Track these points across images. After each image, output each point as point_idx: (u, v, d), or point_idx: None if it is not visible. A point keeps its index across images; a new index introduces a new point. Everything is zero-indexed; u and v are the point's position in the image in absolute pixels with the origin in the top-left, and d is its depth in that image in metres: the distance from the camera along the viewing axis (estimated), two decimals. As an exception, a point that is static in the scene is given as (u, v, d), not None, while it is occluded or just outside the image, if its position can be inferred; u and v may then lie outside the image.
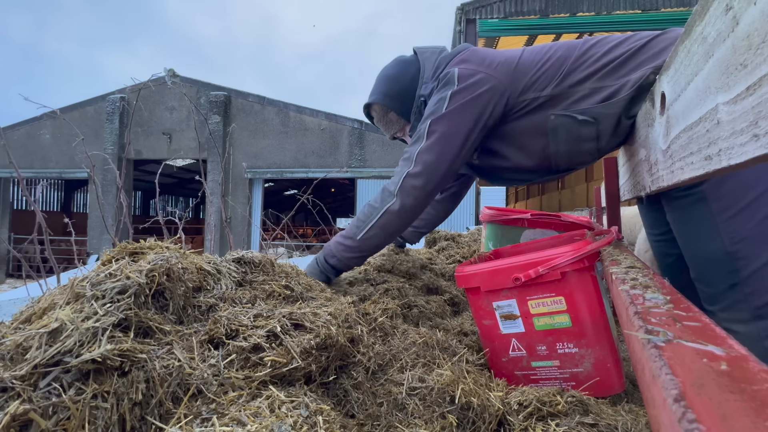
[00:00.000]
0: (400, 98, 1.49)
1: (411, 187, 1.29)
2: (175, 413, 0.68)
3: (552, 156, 1.31)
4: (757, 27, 0.35)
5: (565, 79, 1.24)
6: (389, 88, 1.51)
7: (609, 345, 1.04)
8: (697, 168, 0.54)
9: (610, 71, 1.18)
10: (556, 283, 1.02)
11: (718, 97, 0.45)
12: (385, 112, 1.56)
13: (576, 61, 1.24)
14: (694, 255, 1.05)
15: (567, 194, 13.40)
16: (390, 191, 1.32)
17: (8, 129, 14.05)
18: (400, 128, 1.58)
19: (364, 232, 1.33)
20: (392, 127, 1.59)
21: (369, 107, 1.60)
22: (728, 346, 0.34)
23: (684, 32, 0.56)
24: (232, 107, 13.36)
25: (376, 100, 1.54)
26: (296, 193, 4.47)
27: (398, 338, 1.09)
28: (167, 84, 11.46)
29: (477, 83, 1.26)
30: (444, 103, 1.27)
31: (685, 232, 1.06)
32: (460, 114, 1.26)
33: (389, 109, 1.54)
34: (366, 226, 1.33)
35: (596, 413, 0.89)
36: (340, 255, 1.37)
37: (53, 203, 22.11)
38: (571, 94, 1.23)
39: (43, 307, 0.78)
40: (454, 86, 1.28)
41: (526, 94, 1.27)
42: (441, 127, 1.27)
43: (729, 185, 0.94)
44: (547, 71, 1.26)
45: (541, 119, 1.27)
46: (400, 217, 1.31)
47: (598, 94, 1.19)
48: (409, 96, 1.47)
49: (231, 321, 0.85)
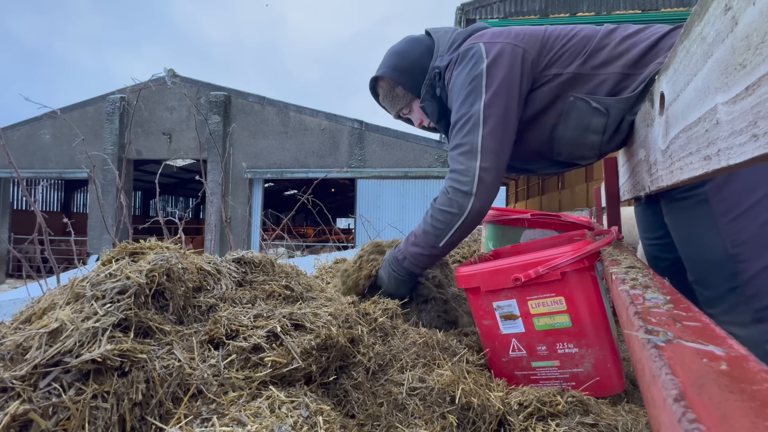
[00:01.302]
0: (409, 73, 1.45)
1: (487, 184, 1.21)
2: (175, 413, 0.68)
3: (556, 141, 1.29)
4: (756, 27, 0.35)
5: (590, 59, 1.21)
6: (397, 63, 1.47)
7: (609, 345, 1.04)
8: (697, 168, 0.54)
9: (632, 60, 1.16)
10: (556, 283, 1.02)
11: (717, 97, 0.45)
12: (392, 86, 1.51)
13: (600, 41, 1.22)
14: (693, 257, 1.05)
15: (567, 194, 13.40)
16: (464, 191, 1.22)
17: (8, 129, 14.06)
18: (406, 103, 1.53)
19: (446, 239, 1.27)
20: (398, 102, 1.53)
21: (375, 82, 1.55)
22: (728, 346, 0.34)
23: (683, 32, 0.56)
24: (232, 107, 13.36)
25: (383, 74, 1.49)
26: (296, 193, 4.46)
27: (398, 338, 1.09)
28: (167, 84, 11.46)
29: (507, 54, 1.22)
30: (482, 80, 1.22)
31: (686, 234, 1.05)
32: (506, 91, 1.20)
33: (396, 83, 1.49)
34: (448, 232, 1.26)
35: (596, 413, 0.89)
36: (423, 264, 1.34)
37: (53, 203, 22.12)
38: (593, 78, 1.20)
39: (43, 307, 0.78)
40: (484, 61, 1.22)
41: (550, 69, 1.24)
42: (495, 110, 1.20)
43: (732, 187, 0.92)
44: (574, 47, 1.23)
45: (560, 98, 1.24)
46: (479, 215, 1.24)
47: (617, 83, 1.17)
48: (418, 70, 1.43)
49: (231, 321, 0.85)
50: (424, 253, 1.31)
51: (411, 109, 1.55)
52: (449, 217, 1.25)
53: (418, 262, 1.33)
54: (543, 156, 1.37)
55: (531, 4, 11.61)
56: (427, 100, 1.43)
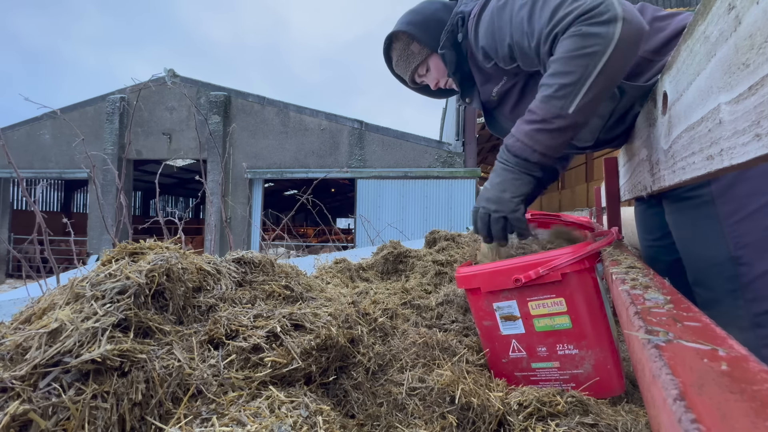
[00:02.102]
0: (425, 27, 1.37)
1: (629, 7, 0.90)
2: (175, 413, 0.67)
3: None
4: (759, 26, 0.35)
5: None
6: (413, 18, 1.40)
7: (609, 347, 1.04)
8: (699, 168, 0.54)
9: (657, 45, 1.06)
10: (556, 284, 1.02)
11: (720, 97, 0.45)
12: (407, 43, 1.43)
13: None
14: (694, 258, 1.04)
15: (567, 194, 13.40)
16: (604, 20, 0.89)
17: (8, 129, 14.06)
18: (422, 60, 1.44)
19: (581, 98, 0.92)
20: (413, 60, 1.44)
21: (390, 44, 1.48)
22: (729, 346, 0.33)
23: (686, 32, 0.56)
24: (232, 107, 13.36)
25: (399, 28, 1.41)
26: (296, 193, 4.47)
27: (398, 338, 1.09)
28: (167, 84, 11.47)
29: None
30: None
31: (688, 234, 1.05)
32: None
33: (412, 38, 1.41)
34: (584, 86, 0.91)
35: (596, 413, 0.89)
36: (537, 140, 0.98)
37: (53, 203, 22.13)
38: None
39: (42, 307, 0.78)
40: None
41: None
42: None
43: (739, 189, 0.91)
44: None
45: None
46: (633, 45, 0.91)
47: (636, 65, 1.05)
48: (435, 24, 1.35)
49: (231, 321, 0.85)
50: (545, 128, 0.96)
51: (427, 66, 1.45)
52: (584, 61, 0.90)
53: (536, 142, 0.97)
54: None
55: (531, 5, 11.59)
56: (447, 47, 1.31)
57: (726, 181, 0.92)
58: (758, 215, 0.89)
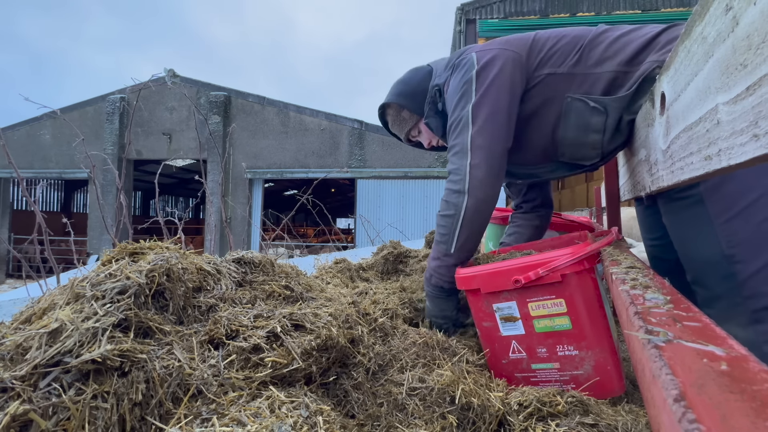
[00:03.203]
0: (412, 96, 1.55)
1: (478, 179, 1.22)
2: (175, 413, 0.68)
3: (559, 142, 1.30)
4: (757, 27, 0.35)
5: (582, 58, 1.24)
6: (401, 89, 1.58)
7: (609, 347, 1.03)
8: (697, 168, 0.54)
9: (627, 58, 1.18)
10: (556, 285, 1.02)
11: (718, 97, 0.45)
12: (399, 111, 1.61)
13: (592, 41, 1.24)
14: (691, 257, 1.05)
15: (567, 194, 13.40)
16: (457, 190, 1.25)
17: (8, 129, 14.06)
18: (413, 125, 1.62)
19: (455, 243, 1.26)
20: (405, 125, 1.63)
21: (384, 110, 1.66)
22: (728, 346, 0.34)
23: (684, 32, 0.56)
24: (232, 107, 13.36)
25: (389, 100, 1.60)
26: (296, 193, 4.47)
27: (398, 338, 1.09)
28: (167, 84, 11.47)
29: (497, 58, 1.27)
30: (472, 84, 1.27)
31: (682, 234, 1.05)
32: (496, 91, 1.25)
33: (402, 107, 1.59)
34: (453, 236, 1.26)
35: (596, 413, 0.89)
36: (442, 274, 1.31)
37: (53, 203, 22.12)
38: (587, 77, 1.22)
39: (43, 307, 0.78)
40: (475, 67, 1.28)
41: (542, 69, 1.27)
42: (483, 109, 1.24)
43: (727, 188, 0.92)
44: (564, 47, 1.27)
45: (556, 98, 1.27)
46: (479, 211, 1.24)
47: (611, 81, 1.19)
48: (420, 94, 1.52)
49: (231, 321, 0.85)
50: (443, 264, 1.30)
51: (419, 130, 1.63)
52: (449, 221, 1.26)
53: (442, 275, 1.31)
54: (547, 157, 1.38)
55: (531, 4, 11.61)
56: (431, 116, 1.49)
57: (714, 180, 0.93)
58: (748, 213, 0.90)
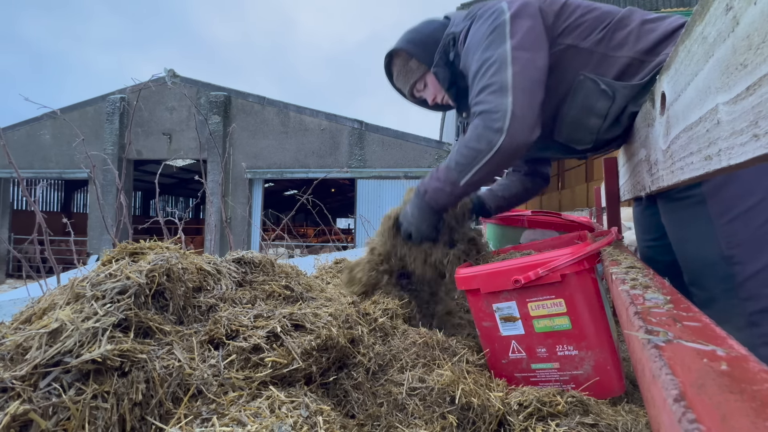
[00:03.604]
0: (423, 45, 1.46)
1: (521, 119, 1.11)
2: (175, 413, 0.68)
3: (559, 119, 1.27)
4: (757, 27, 0.35)
5: (606, 37, 1.18)
6: (412, 37, 1.49)
7: (609, 347, 1.03)
8: (697, 168, 0.54)
9: (648, 46, 1.14)
10: (555, 285, 1.02)
11: (718, 97, 0.45)
12: (406, 60, 1.52)
13: (620, 22, 1.18)
14: (689, 258, 1.04)
15: (567, 194, 13.40)
16: (496, 128, 1.13)
17: (8, 129, 14.06)
18: (420, 76, 1.52)
19: (468, 176, 1.19)
20: (412, 76, 1.53)
21: (391, 59, 1.57)
22: (728, 346, 0.34)
23: (684, 32, 0.56)
24: (232, 107, 13.36)
25: (398, 47, 1.51)
26: (296, 193, 4.47)
27: (398, 338, 1.09)
28: (167, 84, 11.47)
29: (530, 5, 1.19)
30: (505, 27, 1.17)
31: (682, 234, 1.05)
32: (534, 38, 1.17)
33: (411, 56, 1.50)
34: (471, 169, 1.18)
35: (596, 413, 0.89)
36: (443, 202, 1.28)
37: (53, 203, 22.12)
38: (605, 58, 1.18)
39: (43, 307, 0.78)
40: (506, 12, 1.19)
41: (565, 38, 1.21)
42: (524, 53, 1.14)
43: (730, 189, 0.92)
44: (591, 21, 1.20)
45: (569, 72, 1.21)
46: (509, 154, 1.14)
47: (626, 66, 1.15)
48: (432, 44, 1.44)
49: (231, 321, 0.85)
50: (445, 189, 1.25)
51: (425, 83, 1.54)
52: (474, 153, 1.17)
53: (438, 198, 1.27)
54: (543, 133, 1.29)
55: (531, 5, 11.58)
56: (440, 66, 1.41)
57: (717, 181, 0.93)
58: (749, 215, 0.89)
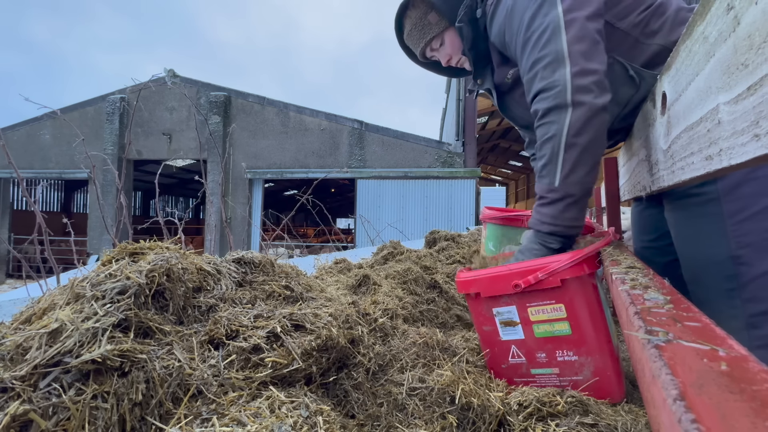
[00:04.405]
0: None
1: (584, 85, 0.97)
2: (175, 413, 0.68)
3: None
4: (758, 27, 0.35)
5: (644, 20, 1.10)
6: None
7: (609, 353, 1.03)
8: (698, 168, 0.54)
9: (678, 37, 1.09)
10: (556, 290, 1.02)
11: (719, 97, 0.45)
12: (425, 12, 1.34)
13: (659, 6, 1.11)
14: (693, 256, 1.04)
15: (567, 194, 13.39)
16: (555, 106, 0.99)
17: (8, 129, 14.06)
18: (438, 32, 1.36)
19: (560, 172, 1.01)
20: (429, 31, 1.36)
21: (405, 11, 1.39)
22: (728, 346, 0.34)
23: (685, 32, 0.56)
24: (232, 107, 13.36)
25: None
26: (296, 193, 4.47)
27: (398, 339, 1.09)
28: (167, 84, 11.47)
29: None
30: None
31: (688, 231, 1.04)
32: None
33: (431, 7, 1.32)
34: (557, 163, 1.01)
35: (596, 413, 0.89)
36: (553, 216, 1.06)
37: (53, 203, 22.12)
38: (638, 45, 1.10)
39: (43, 307, 0.78)
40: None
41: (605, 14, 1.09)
42: (578, 13, 1.01)
43: (745, 189, 0.91)
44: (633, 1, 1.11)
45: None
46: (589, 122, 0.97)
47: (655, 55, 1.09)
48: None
49: (231, 321, 0.85)
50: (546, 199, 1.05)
51: (442, 40, 1.38)
52: (549, 145, 1.01)
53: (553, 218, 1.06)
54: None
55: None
56: (465, 22, 1.25)
57: (733, 179, 0.92)
58: (762, 216, 0.89)
